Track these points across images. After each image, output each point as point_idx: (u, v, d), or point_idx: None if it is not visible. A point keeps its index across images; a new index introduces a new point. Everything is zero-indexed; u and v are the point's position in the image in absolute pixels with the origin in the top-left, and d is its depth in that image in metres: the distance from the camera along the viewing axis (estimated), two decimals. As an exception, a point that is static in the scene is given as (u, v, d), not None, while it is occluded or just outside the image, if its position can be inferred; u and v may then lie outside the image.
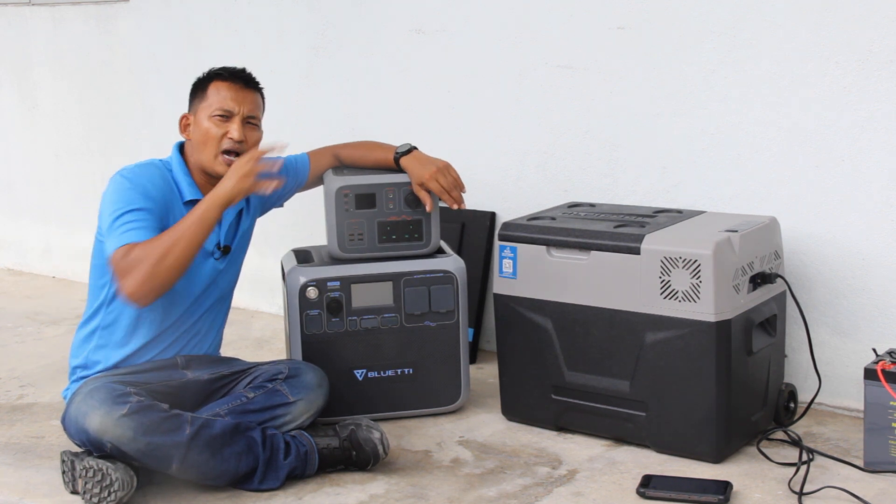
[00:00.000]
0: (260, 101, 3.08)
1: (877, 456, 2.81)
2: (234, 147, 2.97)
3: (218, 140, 2.97)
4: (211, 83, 3.02)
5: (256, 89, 3.07)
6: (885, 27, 3.05)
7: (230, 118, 2.99)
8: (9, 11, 5.12)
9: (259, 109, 3.07)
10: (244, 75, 3.06)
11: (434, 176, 3.17)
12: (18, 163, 5.29)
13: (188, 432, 2.72)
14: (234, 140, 2.97)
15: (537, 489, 2.80)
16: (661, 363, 2.91)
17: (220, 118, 2.98)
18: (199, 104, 3.02)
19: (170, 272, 2.79)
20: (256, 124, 3.04)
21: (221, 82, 3.02)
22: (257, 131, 3.05)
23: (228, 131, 2.98)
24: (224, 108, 2.99)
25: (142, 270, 2.76)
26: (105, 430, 2.70)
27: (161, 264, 2.77)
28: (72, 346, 3.08)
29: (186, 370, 3.02)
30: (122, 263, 2.78)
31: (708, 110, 3.36)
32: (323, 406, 3.01)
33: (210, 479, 2.79)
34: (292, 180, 3.28)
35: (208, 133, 2.98)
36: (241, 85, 3.02)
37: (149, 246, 2.79)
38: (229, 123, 2.99)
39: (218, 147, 2.97)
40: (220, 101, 2.99)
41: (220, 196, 2.86)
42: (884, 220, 3.13)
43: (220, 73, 3.04)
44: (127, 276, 2.77)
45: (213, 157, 2.98)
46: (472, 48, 3.82)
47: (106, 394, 2.75)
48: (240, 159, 2.92)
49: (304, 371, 3.01)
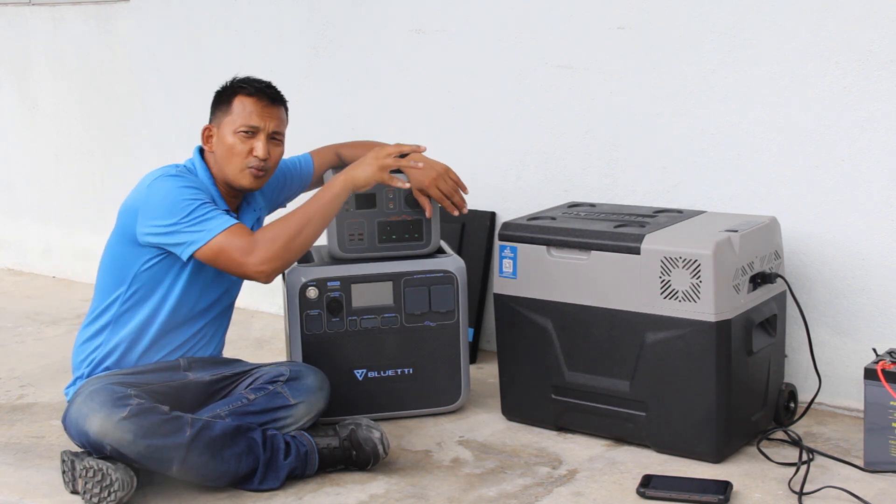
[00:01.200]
0: (284, 115, 3.05)
1: (877, 456, 2.81)
2: (259, 165, 2.96)
3: (243, 157, 2.95)
4: (236, 97, 2.98)
5: (282, 104, 3.04)
6: (885, 27, 3.06)
7: (255, 135, 2.96)
8: (9, 11, 5.12)
9: (283, 125, 3.04)
10: (270, 91, 3.01)
11: (434, 182, 3.16)
12: (18, 163, 5.29)
13: (188, 434, 2.72)
14: (259, 158, 2.95)
15: (537, 489, 2.80)
16: (661, 363, 2.91)
17: (244, 134, 2.96)
18: (223, 117, 2.99)
19: (300, 249, 2.88)
20: (280, 140, 3.02)
21: (247, 97, 2.98)
22: (281, 146, 3.03)
23: (254, 148, 2.95)
24: (250, 124, 2.95)
25: (276, 246, 2.82)
26: (105, 433, 2.70)
27: (294, 241, 2.85)
28: (75, 344, 3.07)
29: (188, 371, 3.02)
30: (250, 240, 2.81)
31: (708, 110, 3.36)
32: (324, 409, 3.01)
33: (210, 480, 2.79)
34: (297, 180, 3.29)
35: (233, 149, 2.95)
36: (266, 102, 2.98)
37: (282, 225, 2.85)
38: (254, 140, 2.96)
39: (244, 163, 2.95)
40: (246, 116, 2.96)
41: (356, 180, 2.93)
42: (884, 220, 3.13)
43: (245, 86, 2.99)
44: (256, 252, 2.81)
45: (238, 172, 2.96)
46: (472, 48, 3.82)
47: (106, 396, 2.75)
48: (382, 149, 2.96)
49: (306, 374, 3.01)
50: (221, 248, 2.82)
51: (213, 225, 2.83)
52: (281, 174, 3.25)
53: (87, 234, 5.02)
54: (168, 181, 2.89)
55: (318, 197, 2.92)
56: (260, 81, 3.03)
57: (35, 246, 5.29)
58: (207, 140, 3.03)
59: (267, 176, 3.01)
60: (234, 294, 3.14)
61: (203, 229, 2.83)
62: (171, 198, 2.86)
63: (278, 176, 3.25)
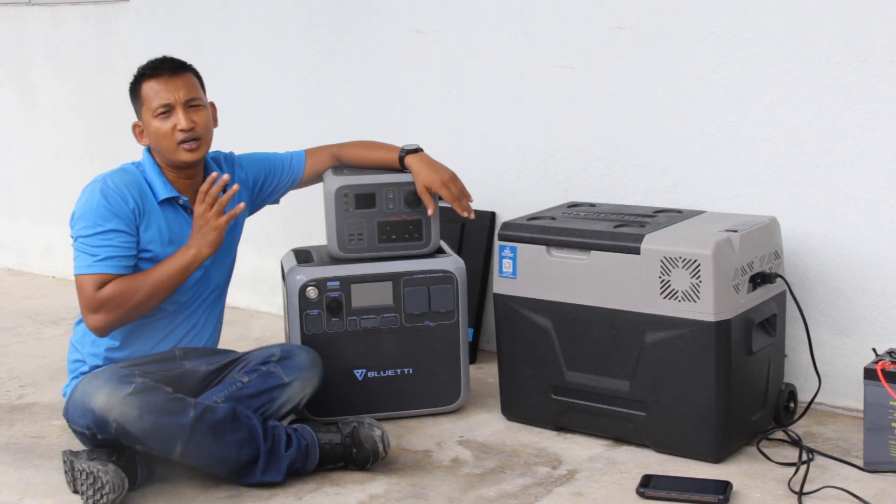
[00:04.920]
0: (194, 80, 3.05)
1: (877, 456, 2.81)
2: (188, 135, 2.97)
3: (170, 135, 2.97)
4: (142, 83, 3.01)
5: (186, 70, 3.04)
6: (885, 27, 3.05)
7: (172, 110, 2.98)
8: (9, 11, 5.12)
9: (196, 89, 3.04)
10: (167, 63, 3.02)
11: (445, 183, 3.17)
12: (18, 163, 5.29)
13: (192, 415, 2.74)
14: (183, 130, 2.96)
15: (537, 489, 2.80)
16: (661, 363, 2.91)
17: (162, 115, 2.98)
18: (141, 108, 3.02)
19: (140, 315, 2.95)
20: (200, 104, 3.02)
21: (150, 79, 3.00)
22: (203, 110, 3.03)
23: (176, 123, 2.97)
24: (161, 103, 2.97)
25: (112, 313, 2.89)
26: (111, 407, 2.71)
27: (136, 310, 2.92)
28: (70, 343, 3.10)
29: (185, 360, 3.04)
30: (94, 299, 2.88)
31: (708, 110, 3.36)
32: (318, 386, 3.02)
33: (212, 465, 2.79)
34: (286, 175, 3.28)
35: (158, 132, 2.98)
36: (167, 75, 3.00)
37: (125, 287, 2.89)
38: (173, 116, 2.98)
39: (173, 141, 2.97)
40: (156, 97, 2.98)
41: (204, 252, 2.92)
42: (884, 220, 3.13)
43: (145, 70, 3.02)
44: (97, 313, 2.88)
45: (173, 151, 2.98)
46: (472, 48, 3.82)
47: (111, 374, 2.79)
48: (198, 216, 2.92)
49: (297, 352, 3.02)
50: (80, 288, 2.91)
51: (85, 262, 2.91)
52: (263, 165, 3.24)
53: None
54: (91, 193, 2.97)
55: (170, 267, 2.92)
56: (156, 59, 3.04)
57: (35, 246, 5.29)
58: (141, 136, 3.05)
59: (203, 144, 3.01)
60: (216, 278, 3.13)
61: (78, 260, 2.94)
62: (81, 209, 2.97)
63: (259, 166, 3.24)
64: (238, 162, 3.21)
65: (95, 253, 2.90)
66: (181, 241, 3.00)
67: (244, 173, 3.20)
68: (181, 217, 3.03)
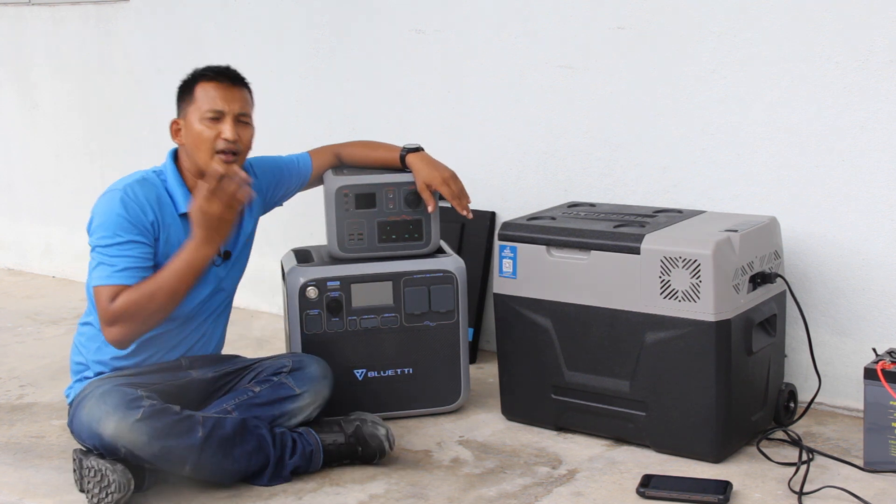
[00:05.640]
0: (248, 97, 3.03)
1: (877, 456, 2.81)
2: (229, 147, 2.93)
3: (211, 141, 2.93)
4: (197, 84, 2.97)
5: (244, 85, 3.02)
6: (885, 27, 3.05)
7: (221, 118, 2.94)
8: (9, 11, 5.12)
9: (249, 106, 3.02)
10: (230, 73, 3.00)
11: (446, 181, 3.18)
12: (18, 163, 5.29)
13: (201, 434, 2.74)
14: (227, 140, 2.93)
15: (537, 489, 2.80)
16: (661, 363, 2.91)
17: (211, 119, 2.94)
18: (188, 107, 2.97)
19: (156, 323, 2.87)
20: (248, 121, 3.00)
21: (208, 83, 2.96)
22: (249, 128, 3.01)
23: (221, 132, 2.93)
24: (214, 108, 2.94)
25: (129, 324, 2.81)
26: (120, 435, 2.71)
27: (150, 320, 2.84)
28: (74, 343, 3.08)
29: (191, 370, 3.02)
30: (110, 310, 2.80)
31: (708, 110, 3.36)
32: (329, 397, 3.02)
33: (222, 478, 2.81)
34: (295, 179, 3.28)
35: (201, 136, 2.93)
36: (227, 83, 2.97)
37: (137, 296, 2.80)
38: (221, 124, 2.94)
39: (212, 148, 2.93)
40: (210, 101, 2.94)
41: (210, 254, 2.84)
42: (884, 220, 3.13)
43: (206, 73, 2.99)
44: (113, 326, 2.81)
45: (208, 159, 2.93)
46: (472, 48, 3.82)
47: (118, 398, 2.76)
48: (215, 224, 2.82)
49: (308, 363, 3.02)
50: (97, 297, 2.85)
51: (102, 273, 2.83)
52: (277, 170, 3.24)
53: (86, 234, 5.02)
54: (110, 201, 2.89)
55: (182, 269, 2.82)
56: (219, 66, 3.02)
57: (35, 246, 5.29)
58: (176, 134, 3.00)
59: (239, 159, 2.97)
60: (227, 288, 3.11)
61: (95, 271, 2.85)
62: (100, 218, 2.89)
63: (273, 171, 3.23)
64: (252, 168, 3.19)
65: (113, 263, 2.84)
66: None
67: (259, 180, 3.18)
68: None
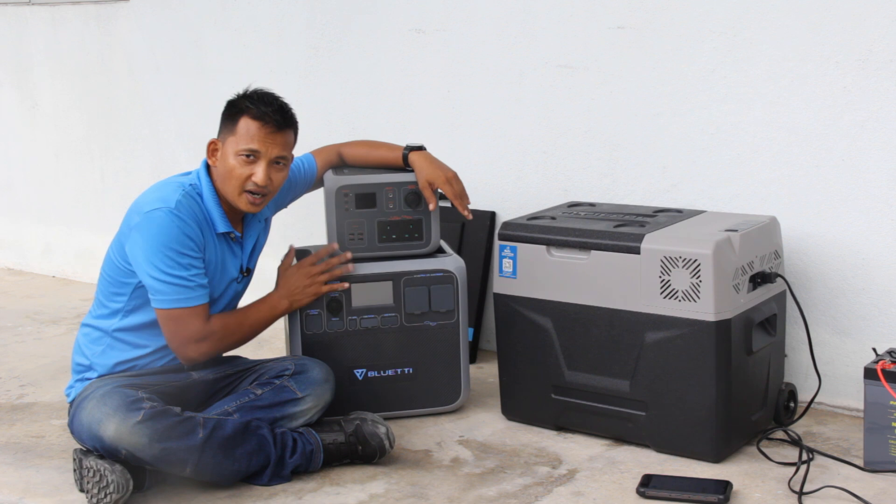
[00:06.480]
0: (292, 139, 2.98)
1: (877, 455, 2.81)
2: (258, 190, 2.91)
3: (242, 180, 2.90)
4: (242, 117, 2.90)
5: (290, 128, 2.96)
6: (885, 27, 3.06)
7: (257, 159, 2.90)
8: (9, 11, 5.12)
9: (289, 149, 2.97)
10: (277, 117, 2.90)
11: (449, 180, 3.18)
12: (18, 163, 5.29)
13: (201, 436, 2.74)
14: (257, 185, 2.90)
15: (537, 489, 2.80)
16: (661, 363, 2.91)
17: (245, 157, 2.90)
18: (228, 135, 2.92)
19: (230, 348, 3.02)
20: (285, 164, 2.96)
21: (252, 120, 2.88)
22: (284, 171, 2.97)
23: (254, 174, 2.89)
24: (251, 148, 2.89)
25: (215, 344, 2.94)
26: (121, 437, 2.71)
27: (233, 345, 3.00)
28: (76, 344, 3.06)
29: (192, 371, 3.02)
30: (205, 329, 2.89)
31: (708, 110, 3.36)
32: (331, 400, 3.02)
33: (223, 479, 2.81)
34: (302, 182, 3.28)
35: (233, 172, 2.90)
36: (272, 128, 2.89)
37: (230, 321, 2.96)
38: (255, 165, 2.90)
39: (242, 186, 2.91)
40: (249, 140, 2.88)
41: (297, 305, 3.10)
42: (884, 220, 3.13)
43: (253, 107, 2.89)
44: (202, 343, 2.90)
45: (236, 195, 2.92)
46: (472, 48, 3.82)
47: (119, 400, 2.76)
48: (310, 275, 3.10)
49: (311, 367, 3.02)
50: (179, 319, 2.87)
51: (186, 295, 2.85)
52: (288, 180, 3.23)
53: (86, 233, 5.03)
54: (165, 220, 2.83)
55: (266, 314, 3.04)
56: (270, 103, 2.92)
57: (35, 246, 5.29)
58: (213, 154, 2.95)
59: (266, 200, 2.96)
60: (237, 301, 3.13)
61: (174, 294, 2.85)
62: (162, 241, 2.82)
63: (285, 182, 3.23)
64: None
65: (189, 283, 2.85)
66: (225, 271, 2.99)
67: None
68: (229, 248, 3.00)
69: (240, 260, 3.04)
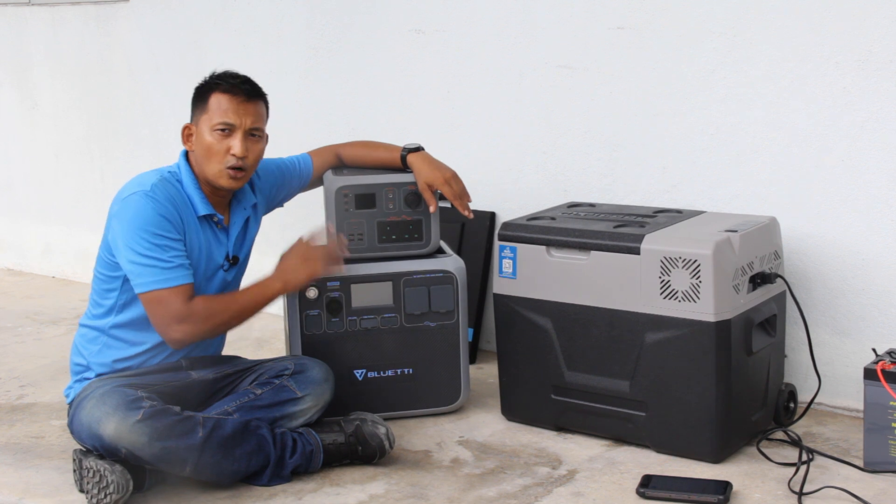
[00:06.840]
0: (263, 110, 3.01)
1: (877, 456, 2.81)
2: (237, 163, 2.92)
3: (221, 155, 2.92)
4: (212, 94, 2.94)
5: (259, 98, 2.99)
6: (885, 27, 3.06)
7: (232, 132, 2.93)
8: (8, 11, 5.12)
9: (262, 120, 2.99)
10: (246, 87, 2.96)
11: (448, 181, 3.18)
12: (18, 163, 5.30)
13: (201, 435, 2.74)
14: (236, 156, 2.92)
15: (537, 489, 2.80)
16: (661, 363, 2.91)
17: (221, 132, 2.92)
18: (201, 115, 2.96)
19: (220, 333, 3.03)
20: (260, 136, 2.98)
21: (223, 94, 2.93)
22: (260, 142, 2.99)
23: (231, 147, 2.92)
24: (225, 121, 2.92)
25: (197, 326, 2.86)
26: (120, 436, 2.71)
27: (220, 327, 2.95)
28: (74, 344, 3.07)
29: (191, 370, 3.02)
30: (183, 310, 2.83)
31: (708, 110, 3.36)
32: (330, 400, 3.02)
33: (222, 478, 2.81)
34: (296, 180, 3.28)
35: (211, 148, 2.92)
36: (242, 97, 2.94)
37: (214, 303, 2.91)
38: (231, 138, 2.92)
39: (222, 163, 2.92)
40: (222, 113, 2.92)
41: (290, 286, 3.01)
42: (884, 220, 3.13)
43: (221, 82, 2.95)
44: (183, 324, 2.84)
45: (217, 173, 2.93)
46: (472, 48, 3.82)
47: (119, 399, 2.76)
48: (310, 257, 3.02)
49: (310, 366, 3.02)
50: (161, 301, 2.84)
51: (165, 276, 2.83)
52: (279, 172, 3.24)
53: (86, 234, 5.02)
54: (140, 202, 2.85)
55: (257, 295, 2.95)
56: (236, 76, 2.98)
57: (35, 246, 5.30)
58: (188, 139, 2.99)
59: (247, 175, 2.97)
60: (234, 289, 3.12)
61: (153, 276, 2.83)
62: (138, 224, 2.84)
63: (276, 174, 3.23)
64: (257, 171, 3.18)
65: (168, 265, 2.84)
66: (210, 256, 2.99)
67: (262, 182, 3.18)
68: (213, 235, 3.00)
69: (225, 247, 3.03)
